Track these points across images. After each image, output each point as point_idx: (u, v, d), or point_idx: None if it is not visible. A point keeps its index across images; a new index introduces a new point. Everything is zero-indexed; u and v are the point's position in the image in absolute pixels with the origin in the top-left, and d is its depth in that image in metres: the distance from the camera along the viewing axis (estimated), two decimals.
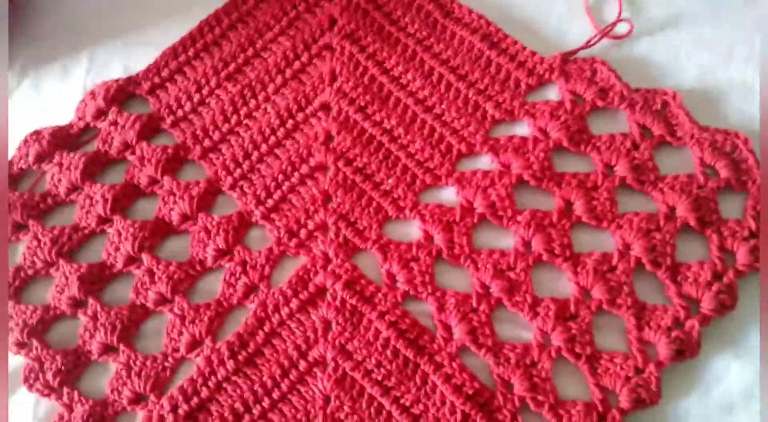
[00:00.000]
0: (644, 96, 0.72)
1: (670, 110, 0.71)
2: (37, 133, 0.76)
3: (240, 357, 0.65)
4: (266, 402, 0.64)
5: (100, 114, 0.77)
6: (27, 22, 0.85)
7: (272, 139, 0.75)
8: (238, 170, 0.73)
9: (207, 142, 0.75)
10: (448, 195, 0.71)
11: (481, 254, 0.67)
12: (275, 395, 0.64)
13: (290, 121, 0.76)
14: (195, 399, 0.65)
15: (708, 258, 0.64)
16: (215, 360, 0.65)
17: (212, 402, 0.65)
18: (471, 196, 0.69)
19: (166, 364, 0.66)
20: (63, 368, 0.66)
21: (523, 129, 0.73)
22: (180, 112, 0.77)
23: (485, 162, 0.72)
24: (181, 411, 0.64)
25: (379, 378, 0.64)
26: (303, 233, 0.70)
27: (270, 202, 0.72)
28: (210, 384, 0.65)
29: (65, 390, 0.66)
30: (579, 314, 0.64)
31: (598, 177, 0.68)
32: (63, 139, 0.77)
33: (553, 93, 0.75)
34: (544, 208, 0.68)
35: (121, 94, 0.78)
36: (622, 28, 0.77)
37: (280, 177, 0.73)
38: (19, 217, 0.72)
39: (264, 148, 0.74)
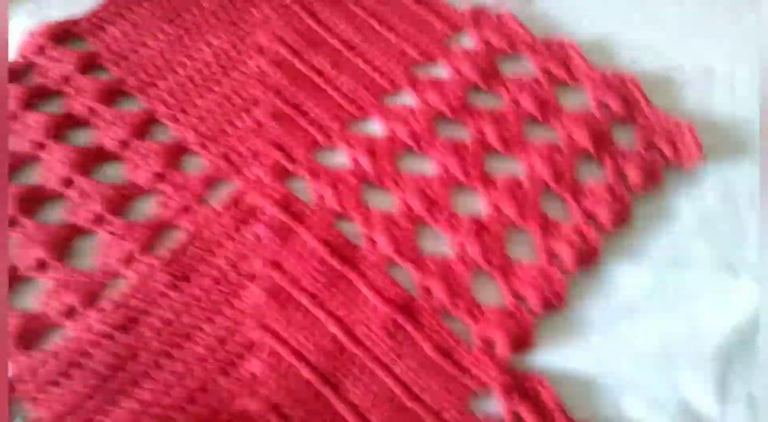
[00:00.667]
0: (546, 43, 0.81)
1: (568, 55, 0.80)
2: None
3: (173, 272, 0.68)
4: (199, 314, 0.66)
5: (40, 50, 0.79)
6: None
7: (208, 75, 0.79)
8: (175, 102, 0.77)
9: (145, 77, 0.78)
10: (374, 127, 0.77)
11: (404, 177, 0.73)
12: (207, 307, 0.67)
13: (226, 59, 0.80)
14: (127, 312, 0.66)
15: (605, 180, 0.72)
16: (148, 275, 0.67)
17: (145, 314, 0.66)
18: (394, 126, 0.75)
19: (98, 279, 0.67)
20: None
21: (441, 71, 0.80)
22: (119, 49, 0.80)
23: (407, 99, 0.78)
24: (112, 322, 0.65)
25: (311, 289, 0.67)
26: (237, 159, 0.74)
27: (205, 130, 0.75)
28: (142, 297, 0.67)
29: None
30: (492, 229, 0.70)
31: (507, 110, 0.76)
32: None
33: (467, 40, 0.83)
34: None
35: (61, 32, 0.80)
36: None
37: (216, 109, 0.77)
38: None
39: (200, 82, 0.78)
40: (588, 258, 0.68)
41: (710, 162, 0.73)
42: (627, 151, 0.73)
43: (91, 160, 0.73)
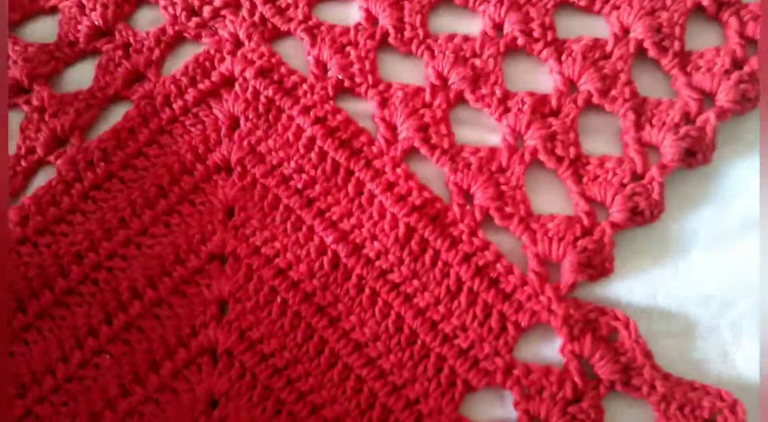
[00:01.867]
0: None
1: None
2: None
3: (115, 160, 0.50)
4: (147, 216, 0.49)
5: None
6: None
7: None
8: None
9: None
10: None
11: (438, 38, 0.52)
12: (161, 206, 0.49)
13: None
14: (52, 210, 0.49)
15: (724, 45, 0.51)
16: (81, 163, 0.50)
17: (75, 215, 0.49)
18: None
19: (19, 168, 0.50)
20: None
21: None
22: None
23: None
24: (33, 224, 0.48)
25: (299, 186, 0.49)
26: (207, 11, 0.54)
27: None
28: (73, 192, 0.49)
29: None
30: (562, 109, 0.49)
31: None
32: None
33: None
34: None
35: None
36: None
37: None
38: None
39: None
40: (700, 156, 0.47)
41: None
42: (757, 9, 0.51)
43: (19, 12, 0.54)
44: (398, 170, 0.48)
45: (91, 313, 0.46)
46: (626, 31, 0.51)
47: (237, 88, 0.51)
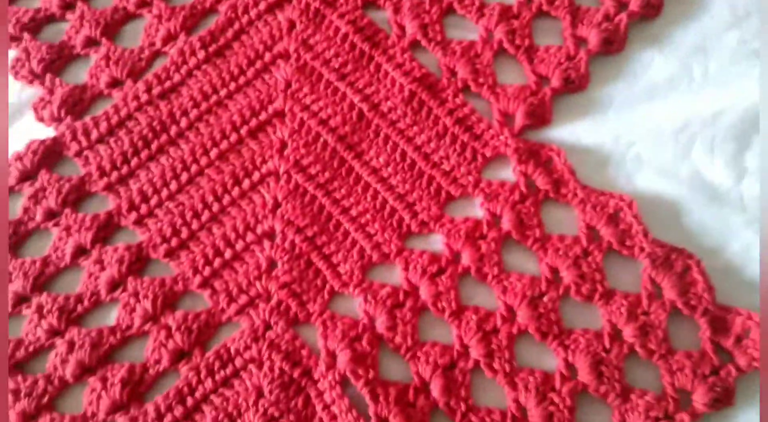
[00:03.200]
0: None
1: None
2: None
3: (210, 49, 0.72)
4: (232, 86, 0.71)
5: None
6: None
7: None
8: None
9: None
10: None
11: None
12: (241, 81, 0.71)
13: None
14: (168, 83, 0.71)
15: None
16: (187, 51, 0.72)
17: (183, 86, 0.71)
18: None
19: (143, 56, 0.73)
20: (47, 57, 0.72)
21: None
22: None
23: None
24: (155, 92, 0.71)
25: (336, 66, 0.70)
26: None
27: None
28: (182, 71, 0.71)
29: (48, 76, 0.72)
30: (521, 13, 0.70)
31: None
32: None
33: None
34: None
35: None
36: None
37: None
38: None
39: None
40: (615, 45, 0.68)
41: None
42: None
43: None
44: (405, 55, 0.70)
45: (194, 149, 0.69)
46: None
47: (294, 2, 0.73)
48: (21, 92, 0.73)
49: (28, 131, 0.71)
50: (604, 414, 0.57)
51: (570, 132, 0.67)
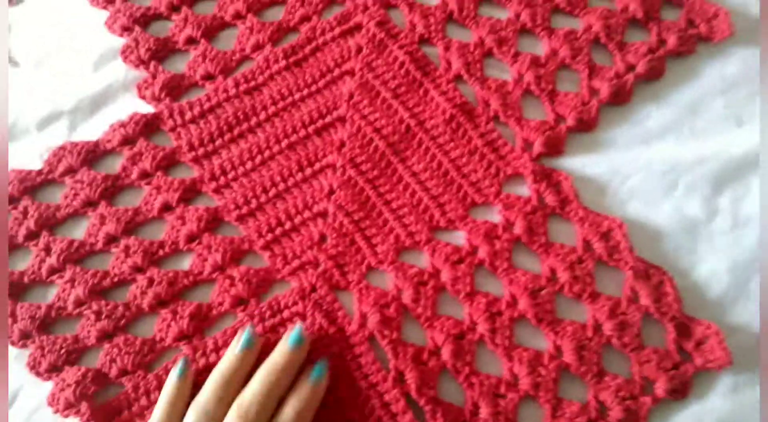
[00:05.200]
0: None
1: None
2: None
3: (290, 60, 0.86)
4: (305, 92, 0.85)
5: None
6: None
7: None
8: None
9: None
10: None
11: (481, 20, 0.89)
12: (313, 88, 0.85)
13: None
14: (252, 83, 0.85)
15: (647, 42, 0.87)
16: (271, 59, 0.87)
17: (265, 87, 0.86)
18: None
19: (234, 58, 0.87)
20: (153, 48, 0.87)
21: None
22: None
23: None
24: (241, 88, 0.85)
25: (393, 87, 0.84)
26: None
27: None
28: (265, 75, 0.86)
29: (152, 63, 0.86)
30: (547, 64, 0.85)
31: None
32: None
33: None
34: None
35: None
36: None
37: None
38: None
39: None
40: (621, 95, 0.82)
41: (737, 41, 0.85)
42: (670, 22, 0.87)
43: None
44: (449, 85, 0.84)
45: (269, 138, 0.83)
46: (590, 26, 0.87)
47: (363, 31, 0.88)
48: (127, 73, 0.87)
49: (131, 106, 0.85)
50: (581, 390, 0.70)
51: (578, 163, 0.80)
